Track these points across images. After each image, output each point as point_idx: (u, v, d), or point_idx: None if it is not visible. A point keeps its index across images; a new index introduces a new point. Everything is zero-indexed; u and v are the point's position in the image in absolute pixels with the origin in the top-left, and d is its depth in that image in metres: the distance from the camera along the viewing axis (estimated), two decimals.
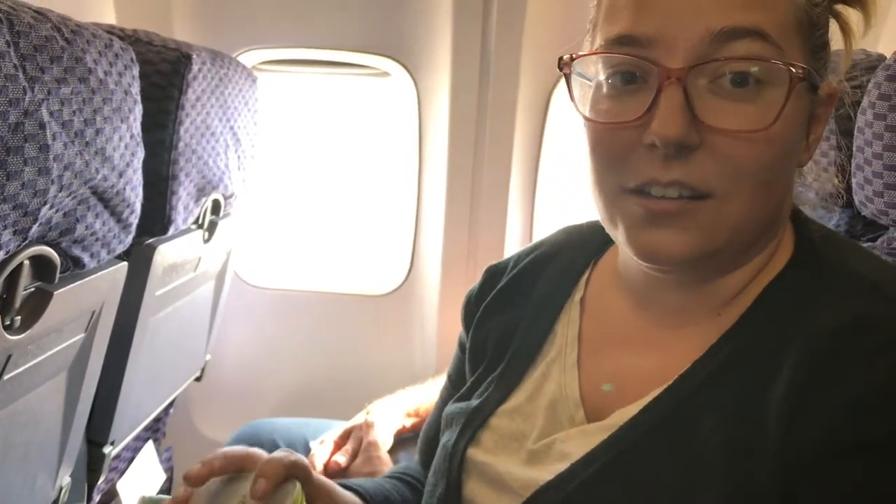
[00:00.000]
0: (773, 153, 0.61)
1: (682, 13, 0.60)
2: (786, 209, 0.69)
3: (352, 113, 2.14)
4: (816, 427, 0.57)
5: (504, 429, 0.76)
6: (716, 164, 0.61)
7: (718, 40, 0.60)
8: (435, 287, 2.01)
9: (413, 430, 1.51)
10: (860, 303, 0.61)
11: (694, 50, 0.60)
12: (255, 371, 2.12)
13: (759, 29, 0.60)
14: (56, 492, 1.16)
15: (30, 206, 0.82)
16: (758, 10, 0.60)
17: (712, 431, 0.62)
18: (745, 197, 0.62)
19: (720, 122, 0.60)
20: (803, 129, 0.65)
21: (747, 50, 0.59)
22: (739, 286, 0.68)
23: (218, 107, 1.39)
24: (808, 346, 0.60)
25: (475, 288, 0.90)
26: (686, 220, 0.62)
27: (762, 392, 0.61)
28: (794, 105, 0.61)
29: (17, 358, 0.92)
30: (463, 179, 1.94)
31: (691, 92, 0.61)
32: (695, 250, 0.63)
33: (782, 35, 0.61)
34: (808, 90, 0.64)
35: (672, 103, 0.60)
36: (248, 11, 1.89)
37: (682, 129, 0.60)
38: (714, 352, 0.66)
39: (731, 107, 0.60)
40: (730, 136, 0.60)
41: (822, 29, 0.65)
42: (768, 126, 0.60)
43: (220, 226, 1.53)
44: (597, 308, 0.79)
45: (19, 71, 0.77)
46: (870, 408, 0.56)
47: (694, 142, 0.61)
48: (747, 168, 0.61)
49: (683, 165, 0.61)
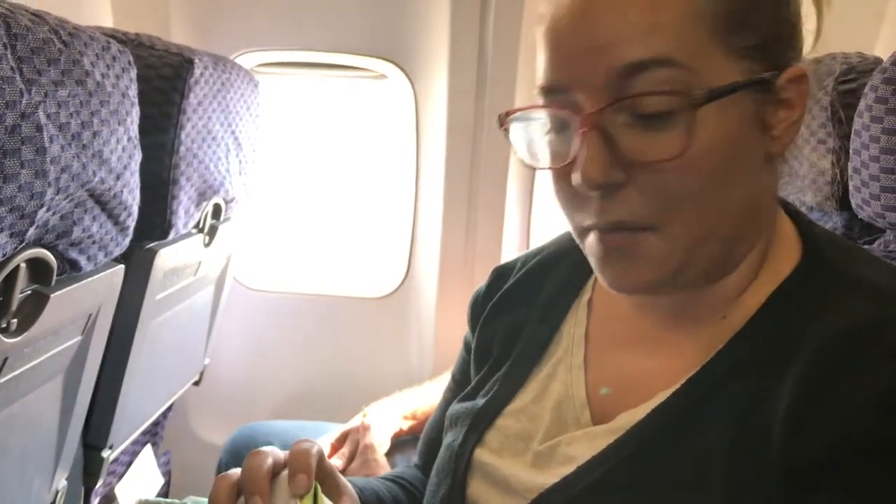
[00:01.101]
0: (700, 174, 0.61)
1: (588, 55, 0.60)
2: (764, 207, 0.68)
3: (349, 116, 2.14)
4: (823, 433, 0.57)
5: (510, 429, 0.76)
6: (646, 196, 0.61)
7: (625, 76, 0.59)
8: (432, 290, 2.01)
9: (410, 432, 1.51)
10: (868, 309, 0.61)
11: (605, 90, 0.60)
12: (252, 374, 2.11)
13: (661, 57, 0.59)
14: (52, 495, 1.16)
15: (26, 208, 0.82)
16: (657, 37, 0.59)
17: (719, 436, 0.62)
18: (688, 221, 0.62)
19: (640, 156, 0.60)
20: (751, 129, 0.63)
21: (654, 80, 0.59)
22: (738, 287, 0.68)
23: (220, 111, 1.39)
24: (815, 351, 0.60)
25: (482, 288, 0.90)
26: (634, 253, 0.63)
27: (769, 397, 0.61)
28: (720, 118, 0.60)
29: (13, 361, 0.92)
30: (460, 182, 1.94)
31: (611, 130, 0.61)
32: (652, 279, 0.64)
33: (693, 52, 0.59)
34: (752, 90, 0.62)
35: (591, 149, 0.60)
36: (245, 14, 1.89)
37: (601, 173, 0.60)
38: (721, 356, 0.66)
39: (648, 138, 0.60)
40: (651, 169, 0.60)
41: (757, 26, 0.62)
42: (680, 153, 0.59)
43: (221, 230, 1.53)
44: (604, 309, 0.79)
45: (16, 73, 0.77)
46: (876, 414, 0.56)
47: (619, 180, 0.61)
48: (677, 195, 0.61)
49: (615, 204, 0.62)
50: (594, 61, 0.60)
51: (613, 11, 0.60)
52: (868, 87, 0.93)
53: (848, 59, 1.10)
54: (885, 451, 0.55)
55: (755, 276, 0.68)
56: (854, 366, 0.58)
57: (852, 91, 1.05)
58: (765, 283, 0.67)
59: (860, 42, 1.23)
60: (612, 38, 0.59)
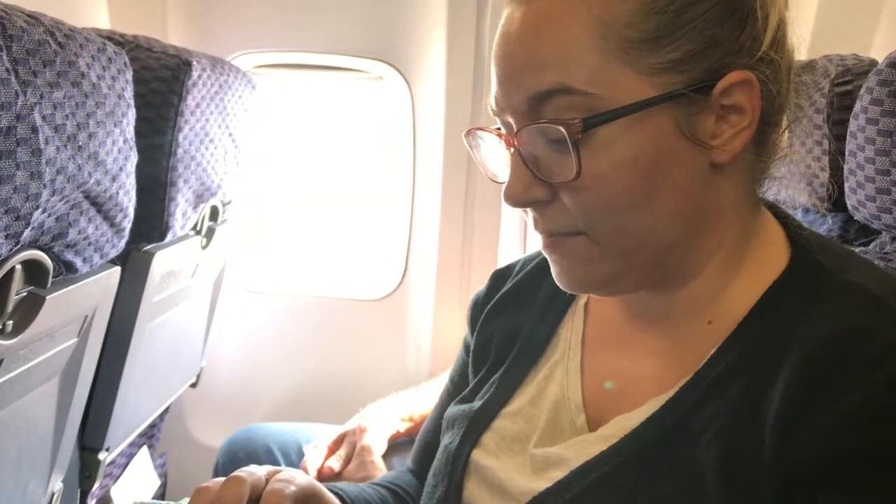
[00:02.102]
0: (612, 191, 0.63)
1: (509, 83, 0.66)
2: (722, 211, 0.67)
3: (346, 118, 2.14)
4: (813, 439, 0.57)
5: (507, 430, 0.77)
6: (567, 211, 0.65)
7: (536, 102, 0.63)
8: (429, 292, 2.01)
9: (407, 434, 1.51)
10: (857, 313, 0.61)
11: (523, 114, 0.65)
12: (248, 376, 2.11)
13: (562, 86, 0.62)
14: (48, 497, 1.16)
15: (22, 210, 0.82)
16: (559, 66, 0.62)
17: (710, 443, 0.62)
18: (614, 231, 0.65)
19: (552, 177, 0.64)
20: (674, 142, 0.63)
21: (557, 107, 0.62)
22: (712, 291, 0.68)
23: (217, 113, 1.39)
24: (805, 357, 0.60)
25: (482, 291, 0.91)
26: (571, 255, 0.67)
27: (760, 403, 0.61)
28: (625, 137, 0.61)
29: (8, 363, 0.92)
30: (457, 184, 1.94)
31: (535, 152, 0.65)
32: (590, 278, 0.68)
33: (597, 78, 0.61)
34: (671, 104, 0.62)
35: (513, 168, 0.66)
36: (242, 15, 1.89)
37: (522, 191, 0.65)
38: (712, 362, 0.66)
39: (557, 159, 0.63)
40: (564, 188, 0.64)
41: (679, 38, 0.61)
42: (574, 178, 0.62)
43: (218, 232, 1.53)
44: (598, 313, 0.79)
45: (11, 75, 0.77)
46: (866, 420, 0.56)
47: (542, 196, 0.65)
48: (593, 209, 0.64)
49: (544, 217, 0.67)
50: (515, 87, 0.65)
51: (528, 44, 0.64)
52: (864, 88, 0.93)
53: (843, 61, 1.10)
54: (874, 457, 0.55)
55: (731, 280, 0.68)
56: (843, 372, 0.58)
57: (848, 93, 1.06)
58: (748, 288, 0.67)
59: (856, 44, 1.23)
60: (525, 68, 0.64)
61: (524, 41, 0.64)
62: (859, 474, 0.55)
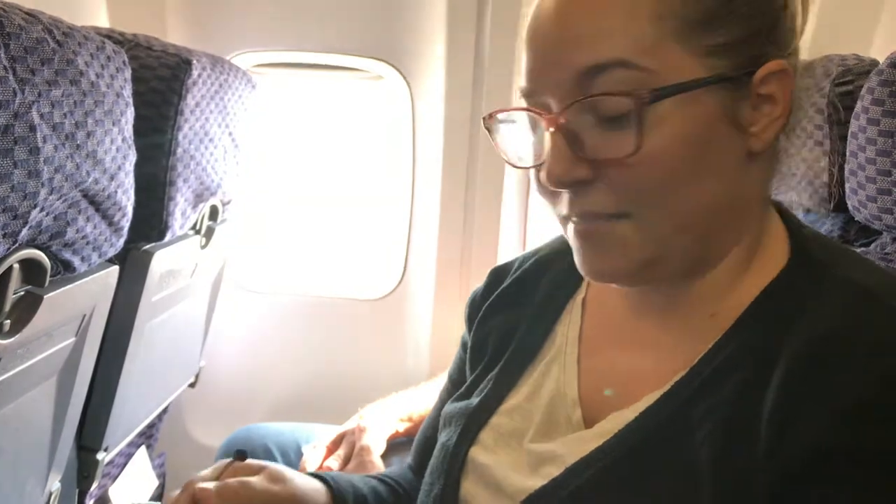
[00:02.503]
0: (662, 169, 0.62)
1: (555, 59, 0.64)
2: (749, 203, 0.68)
3: (345, 117, 2.14)
4: (808, 435, 0.57)
5: (504, 427, 0.77)
6: (612, 191, 0.64)
7: (585, 78, 0.62)
8: (429, 291, 2.01)
9: (406, 434, 1.51)
10: (853, 310, 0.61)
11: (569, 92, 0.63)
12: (247, 376, 2.11)
13: (618, 60, 0.61)
14: (46, 497, 1.16)
15: (20, 209, 0.82)
16: (616, 41, 0.61)
17: (705, 438, 0.62)
18: (659, 213, 0.64)
19: (601, 154, 0.63)
20: (720, 125, 0.64)
21: (611, 81, 0.61)
22: (724, 285, 0.68)
23: (217, 112, 1.39)
24: (801, 352, 0.60)
25: (480, 288, 0.91)
26: (608, 240, 0.66)
27: (755, 398, 0.61)
28: (680, 115, 0.62)
29: (6, 362, 0.91)
30: (456, 184, 1.94)
31: (577, 130, 0.64)
32: (625, 267, 0.66)
33: (652, 54, 0.61)
34: (719, 87, 0.63)
35: (554, 148, 0.64)
36: (241, 14, 1.89)
37: (564, 171, 0.64)
38: (708, 358, 0.66)
39: (609, 136, 0.62)
40: (615, 164, 0.63)
41: (727, 24, 0.63)
42: (633, 151, 0.61)
43: (217, 232, 1.53)
44: (597, 309, 0.79)
45: (9, 72, 0.77)
46: (862, 415, 0.56)
47: (585, 176, 0.64)
48: (641, 190, 0.63)
49: (584, 198, 0.65)
50: (560, 65, 0.63)
51: (576, 18, 0.63)
52: (865, 89, 0.93)
53: (844, 61, 1.10)
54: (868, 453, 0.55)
55: (742, 274, 0.68)
56: (837, 368, 0.58)
57: (849, 93, 1.05)
58: (752, 283, 0.68)
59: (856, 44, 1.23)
60: (574, 43, 0.62)
61: (575, 15, 0.63)
62: (852, 470, 0.55)
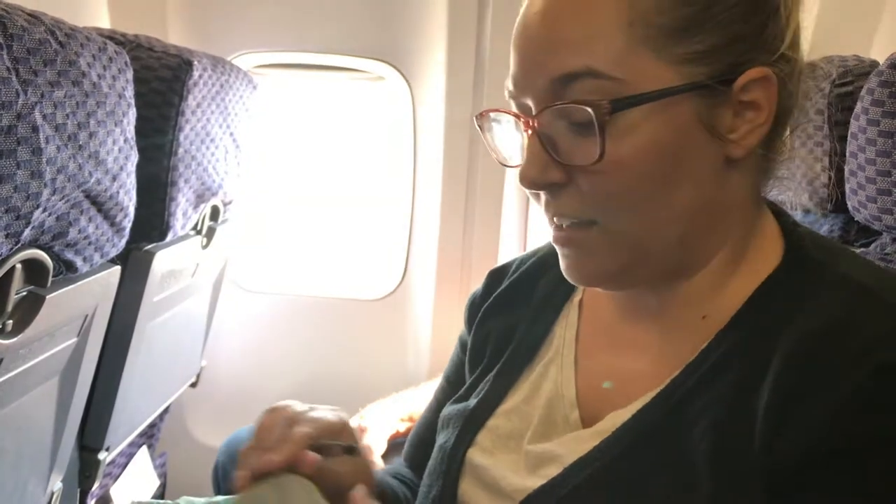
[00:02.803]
0: (630, 176, 0.63)
1: (532, 65, 0.65)
2: (732, 207, 0.68)
3: (346, 117, 2.14)
4: (803, 431, 0.57)
5: (502, 428, 0.77)
6: (583, 196, 0.65)
7: (560, 84, 0.63)
8: (429, 292, 2.01)
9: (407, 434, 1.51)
10: (847, 305, 0.61)
11: (544, 97, 0.64)
12: (248, 376, 2.11)
13: (588, 69, 0.62)
14: (47, 497, 1.16)
15: (22, 209, 0.82)
16: (587, 49, 0.62)
17: (701, 437, 0.62)
18: (628, 220, 0.65)
19: (573, 159, 0.64)
20: (694, 133, 0.63)
21: (582, 89, 0.62)
22: (712, 287, 0.68)
23: (218, 113, 1.39)
24: (795, 349, 0.60)
25: (479, 290, 0.91)
26: (581, 246, 0.67)
27: (750, 396, 0.61)
28: (649, 123, 0.62)
29: (8, 362, 0.92)
30: (457, 184, 1.94)
31: (553, 134, 0.65)
32: (601, 271, 0.68)
33: (621, 63, 0.61)
34: (694, 94, 0.62)
35: (530, 150, 0.65)
36: (242, 15, 1.89)
37: (538, 173, 0.65)
38: (703, 356, 0.66)
39: (579, 142, 0.63)
40: (582, 172, 0.64)
41: (706, 31, 0.62)
42: (597, 159, 0.62)
43: (219, 232, 1.53)
44: (593, 310, 0.79)
45: (12, 74, 0.77)
46: (855, 410, 0.56)
47: (558, 180, 0.65)
48: (610, 196, 0.64)
49: (557, 201, 0.66)
50: (538, 70, 0.65)
51: (553, 25, 0.64)
52: (864, 90, 0.93)
53: (844, 62, 1.10)
54: (863, 447, 0.55)
55: (730, 276, 0.68)
56: (832, 363, 0.58)
57: (849, 94, 1.06)
58: (744, 282, 0.68)
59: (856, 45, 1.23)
60: (550, 50, 0.64)
61: (551, 22, 0.64)
62: (850, 461, 0.56)
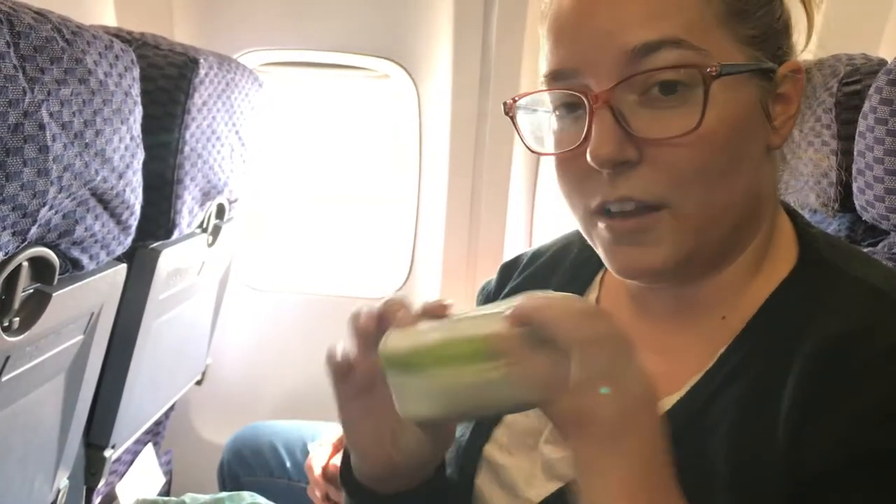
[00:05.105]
0: (712, 150, 0.62)
1: (599, 39, 0.62)
2: (764, 199, 0.68)
3: (352, 115, 2.14)
4: (824, 437, 0.57)
5: (518, 424, 0.76)
6: (658, 174, 0.62)
7: (637, 56, 0.61)
8: (435, 290, 2.01)
9: None
10: (866, 309, 0.61)
11: (616, 70, 0.62)
12: (254, 374, 2.11)
13: (672, 38, 0.61)
14: (54, 494, 1.16)
15: (29, 207, 0.82)
16: (668, 20, 0.61)
17: (721, 441, 0.62)
18: (699, 199, 0.63)
19: (653, 133, 0.61)
20: (756, 114, 0.65)
21: (665, 60, 0.61)
22: (734, 287, 0.68)
23: (224, 111, 1.39)
24: (813, 354, 0.60)
25: (492, 283, 0.91)
26: (649, 234, 0.64)
27: (770, 401, 0.60)
28: (729, 97, 0.61)
29: (15, 360, 0.92)
30: (463, 182, 1.94)
31: (623, 109, 0.62)
32: (667, 261, 0.64)
33: (701, 35, 0.61)
34: (756, 76, 0.63)
35: (601, 125, 0.62)
36: (249, 13, 1.89)
37: (614, 148, 0.61)
38: (723, 361, 0.65)
39: (661, 115, 0.61)
40: (664, 145, 0.61)
41: (757, 17, 0.64)
42: (694, 127, 0.60)
43: (224, 230, 1.53)
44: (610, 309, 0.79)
45: (19, 72, 0.77)
46: (877, 416, 0.55)
47: (632, 157, 0.62)
48: (689, 171, 0.62)
49: (628, 181, 0.63)
50: (604, 45, 0.62)
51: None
52: (872, 88, 0.93)
53: (852, 61, 1.10)
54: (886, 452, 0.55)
55: (753, 273, 0.68)
56: (852, 369, 0.57)
57: (856, 93, 1.05)
58: (762, 284, 0.67)
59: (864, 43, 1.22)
60: (622, 23, 0.61)
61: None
62: (872, 467, 0.55)
